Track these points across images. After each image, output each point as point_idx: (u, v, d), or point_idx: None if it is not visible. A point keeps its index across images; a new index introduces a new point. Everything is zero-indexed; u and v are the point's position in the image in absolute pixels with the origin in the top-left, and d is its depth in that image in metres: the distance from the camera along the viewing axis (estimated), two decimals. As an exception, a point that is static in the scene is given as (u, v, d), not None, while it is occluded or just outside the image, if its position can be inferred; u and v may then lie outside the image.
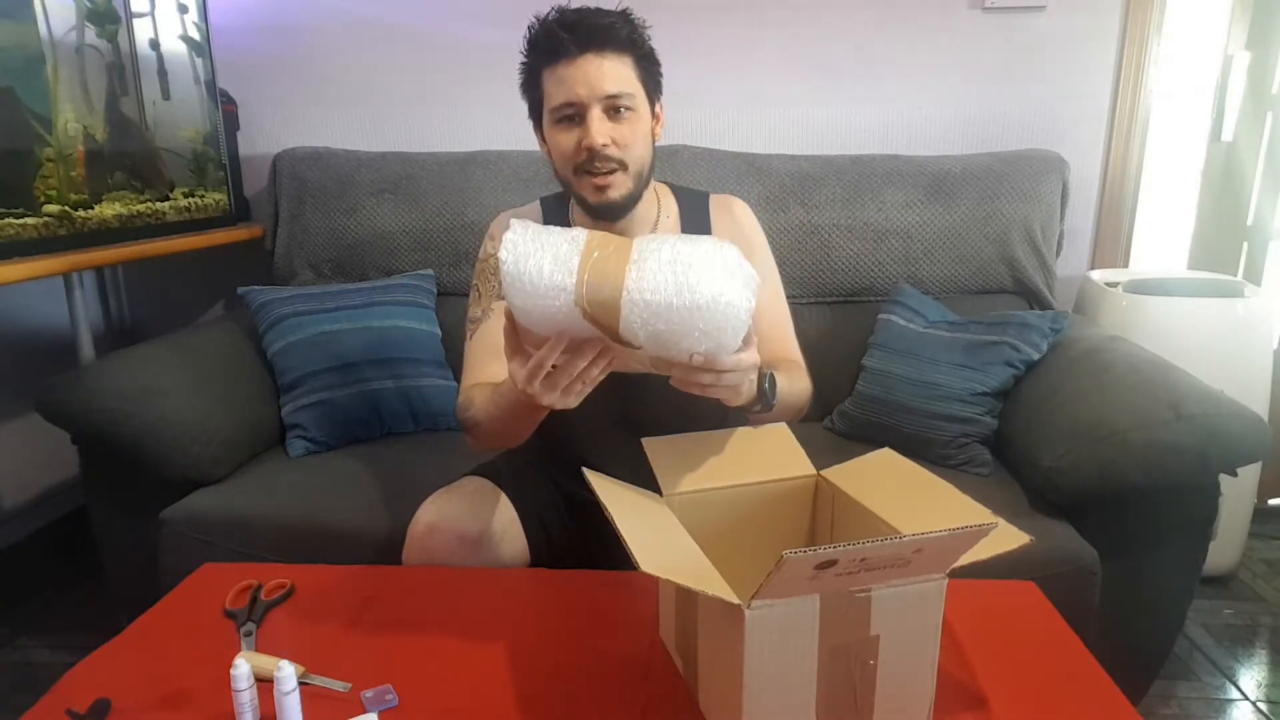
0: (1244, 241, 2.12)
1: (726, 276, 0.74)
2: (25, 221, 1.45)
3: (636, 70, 1.08)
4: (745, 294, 0.75)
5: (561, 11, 1.08)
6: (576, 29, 1.05)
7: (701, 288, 0.73)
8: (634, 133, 1.08)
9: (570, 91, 1.06)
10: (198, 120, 1.92)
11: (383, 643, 0.88)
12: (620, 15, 1.08)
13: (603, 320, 0.76)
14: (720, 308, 0.74)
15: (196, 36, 1.89)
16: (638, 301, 0.74)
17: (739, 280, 0.75)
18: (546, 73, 1.08)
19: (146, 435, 1.37)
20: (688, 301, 0.73)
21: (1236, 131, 2.07)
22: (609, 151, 1.06)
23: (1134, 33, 1.94)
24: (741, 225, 1.23)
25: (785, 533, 0.93)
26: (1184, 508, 1.28)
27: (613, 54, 1.06)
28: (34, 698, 0.78)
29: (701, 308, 0.73)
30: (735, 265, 0.76)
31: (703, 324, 0.74)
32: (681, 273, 0.74)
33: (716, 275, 0.74)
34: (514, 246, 0.77)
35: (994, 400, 1.53)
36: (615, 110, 1.07)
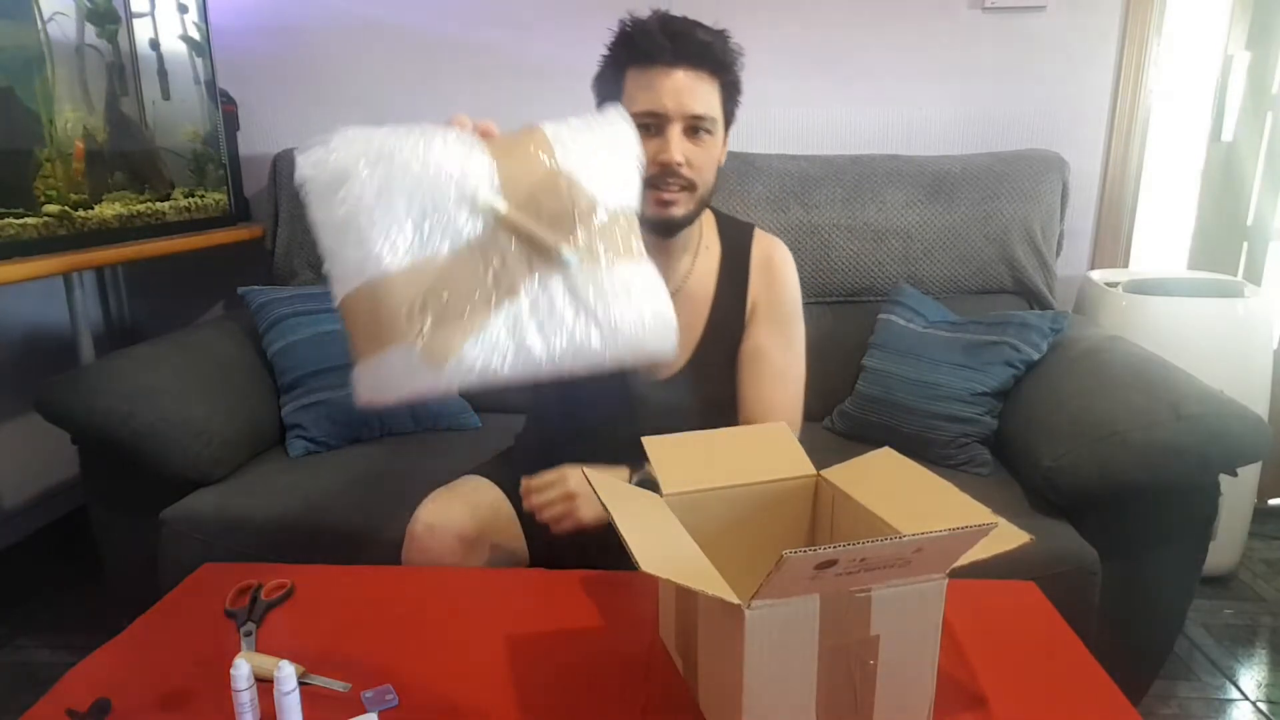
0: (1244, 241, 2.12)
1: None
2: (25, 221, 1.45)
3: (721, 95, 1.07)
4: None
5: (665, 17, 1.05)
6: (679, 39, 1.03)
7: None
8: (707, 157, 1.07)
9: (657, 101, 1.03)
10: (198, 120, 1.92)
11: (383, 643, 0.88)
12: (720, 36, 1.07)
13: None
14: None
15: (196, 36, 1.89)
16: None
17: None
18: (633, 73, 1.06)
19: (146, 435, 1.37)
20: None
21: (1236, 131, 2.07)
22: (682, 171, 1.04)
23: (1134, 33, 1.94)
24: (779, 281, 1.20)
25: (785, 533, 0.93)
26: (1184, 508, 1.28)
27: (706, 74, 1.05)
28: (34, 698, 0.78)
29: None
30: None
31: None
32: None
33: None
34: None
35: (994, 400, 1.53)
36: (694, 131, 1.05)
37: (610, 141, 0.73)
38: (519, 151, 0.67)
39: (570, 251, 0.66)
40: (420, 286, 0.61)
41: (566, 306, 0.66)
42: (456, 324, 0.62)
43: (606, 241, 0.69)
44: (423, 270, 0.62)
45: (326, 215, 0.62)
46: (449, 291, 0.62)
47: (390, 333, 0.62)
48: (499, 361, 0.63)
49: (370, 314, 0.62)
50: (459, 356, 0.62)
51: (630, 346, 0.68)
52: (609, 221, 0.69)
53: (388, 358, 0.62)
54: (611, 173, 0.71)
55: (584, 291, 0.66)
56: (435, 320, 0.62)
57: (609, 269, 0.68)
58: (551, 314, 0.65)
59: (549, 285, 0.65)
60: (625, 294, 0.68)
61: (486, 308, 0.63)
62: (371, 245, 0.61)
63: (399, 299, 0.61)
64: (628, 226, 0.71)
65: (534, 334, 0.64)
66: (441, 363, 0.61)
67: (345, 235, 0.62)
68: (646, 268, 0.72)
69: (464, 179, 0.63)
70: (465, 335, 0.62)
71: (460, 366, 0.62)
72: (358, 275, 0.62)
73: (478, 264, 0.63)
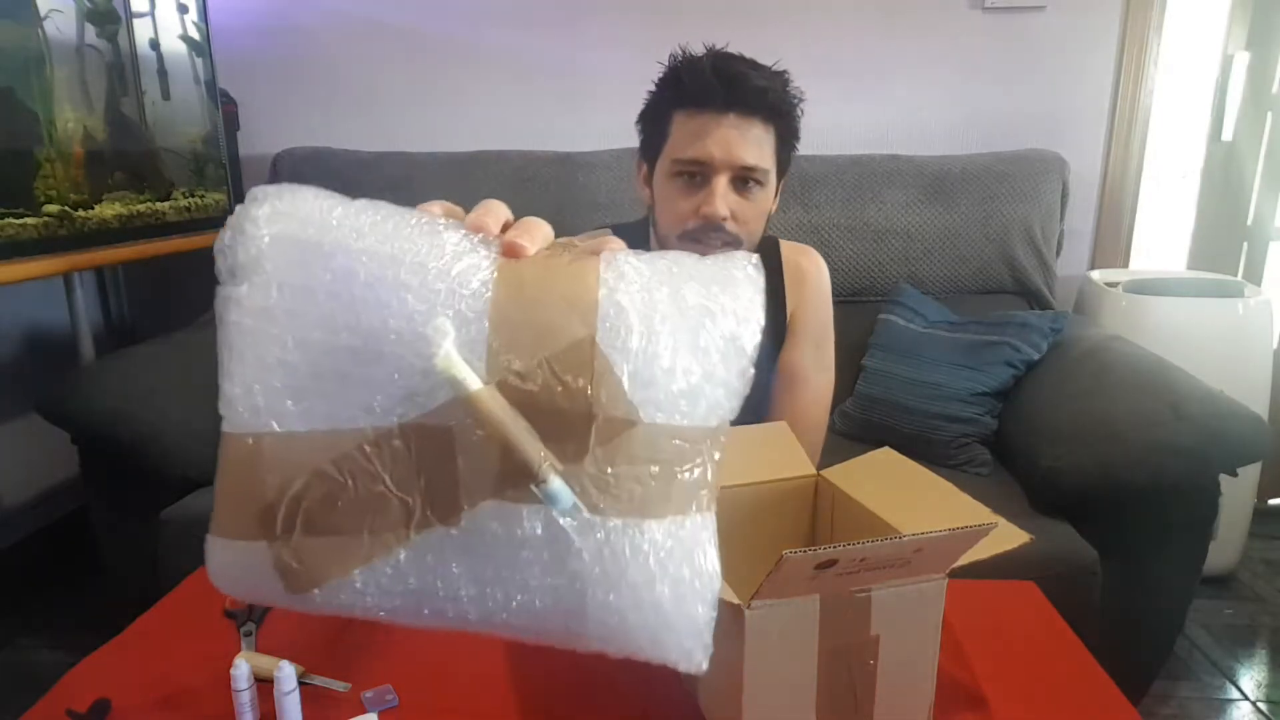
0: (1244, 241, 2.11)
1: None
2: (25, 221, 1.45)
3: (776, 144, 1.00)
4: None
5: (718, 56, 0.97)
6: (732, 83, 0.95)
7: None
8: (755, 210, 1.00)
9: (703, 149, 0.96)
10: (198, 120, 1.92)
11: (383, 643, 0.88)
12: (779, 79, 0.98)
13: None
14: None
15: (196, 36, 1.89)
16: None
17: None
18: (680, 116, 0.98)
19: (146, 435, 1.37)
20: None
21: (1236, 131, 2.07)
22: (727, 226, 0.98)
23: (1134, 33, 1.94)
24: (814, 291, 1.16)
25: (785, 533, 0.93)
26: (1184, 508, 1.28)
27: (760, 121, 0.97)
28: (34, 698, 0.78)
29: None
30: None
31: None
32: None
33: None
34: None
35: (994, 400, 1.53)
36: (744, 182, 0.98)
37: (713, 311, 0.42)
38: (543, 297, 0.40)
39: (560, 483, 0.39)
40: (308, 468, 0.40)
41: (533, 563, 0.40)
42: (343, 537, 0.40)
43: (642, 475, 0.40)
44: (319, 447, 0.40)
45: (224, 315, 0.43)
46: (346, 488, 0.39)
47: (248, 516, 0.41)
48: (397, 604, 0.42)
49: (237, 477, 0.42)
50: (334, 585, 0.41)
51: (623, 641, 0.42)
52: (661, 445, 0.40)
53: (240, 549, 0.42)
54: (697, 364, 0.41)
55: (570, 552, 0.40)
56: (310, 525, 0.40)
57: (627, 524, 0.40)
58: (506, 568, 0.40)
59: (515, 522, 0.40)
60: (641, 568, 0.40)
61: (400, 529, 0.40)
62: (253, 384, 0.42)
63: (275, 474, 0.40)
64: (694, 455, 0.41)
65: (467, 588, 0.42)
66: (301, 590, 0.41)
67: (231, 357, 0.43)
68: (695, 528, 0.42)
69: (425, 317, 0.38)
70: (349, 563, 0.40)
71: (331, 598, 0.41)
72: (234, 418, 0.43)
73: (407, 459, 0.39)
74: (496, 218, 0.43)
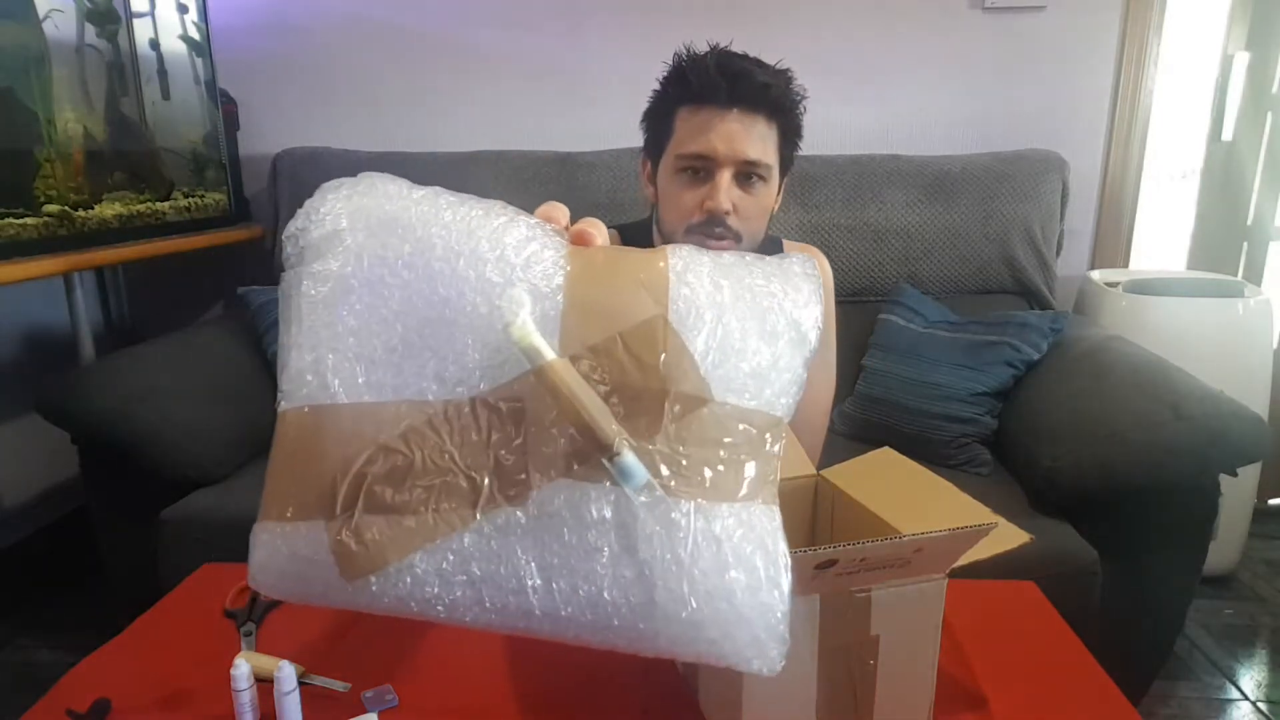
0: (1244, 241, 2.12)
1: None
2: (25, 221, 1.45)
3: (779, 141, 1.01)
4: None
5: (722, 54, 0.99)
6: (737, 80, 0.96)
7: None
8: (758, 206, 1.02)
9: (707, 144, 0.98)
10: (198, 120, 1.92)
11: (383, 643, 0.88)
12: (782, 76, 1.00)
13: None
14: None
15: (196, 36, 1.89)
16: None
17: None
18: (684, 112, 1.00)
19: (146, 435, 1.37)
20: None
21: (1236, 131, 2.07)
22: (729, 220, 0.99)
23: (1134, 33, 1.94)
24: None
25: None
26: (1184, 508, 1.28)
27: (764, 118, 0.98)
28: (34, 698, 0.78)
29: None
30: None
31: None
32: None
33: None
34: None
35: (994, 400, 1.53)
36: (747, 177, 0.99)
37: (775, 301, 0.43)
38: (614, 279, 0.41)
39: (634, 458, 0.39)
40: (373, 443, 0.39)
41: (603, 546, 0.39)
42: (406, 517, 0.39)
43: (712, 458, 0.40)
44: (386, 421, 0.39)
45: (292, 291, 0.42)
46: (414, 463, 0.39)
47: (306, 494, 0.39)
48: (459, 594, 0.40)
49: (294, 456, 0.40)
50: (393, 570, 0.39)
51: (692, 636, 0.40)
52: (729, 428, 0.41)
53: (292, 535, 0.40)
54: (763, 352, 0.42)
55: (641, 533, 0.39)
56: (373, 502, 0.39)
57: (698, 509, 0.40)
58: (575, 552, 0.39)
59: (585, 502, 0.39)
60: (713, 555, 0.40)
61: (467, 509, 0.39)
62: (324, 353, 0.40)
63: (337, 448, 0.39)
64: (759, 443, 0.41)
65: (533, 574, 0.40)
66: (359, 574, 0.39)
67: (300, 328, 0.41)
68: (765, 516, 0.42)
69: (503, 290, 0.39)
70: (411, 543, 0.39)
71: (390, 587, 0.40)
72: (295, 391, 0.41)
73: (478, 434, 0.39)
74: (563, 213, 0.46)
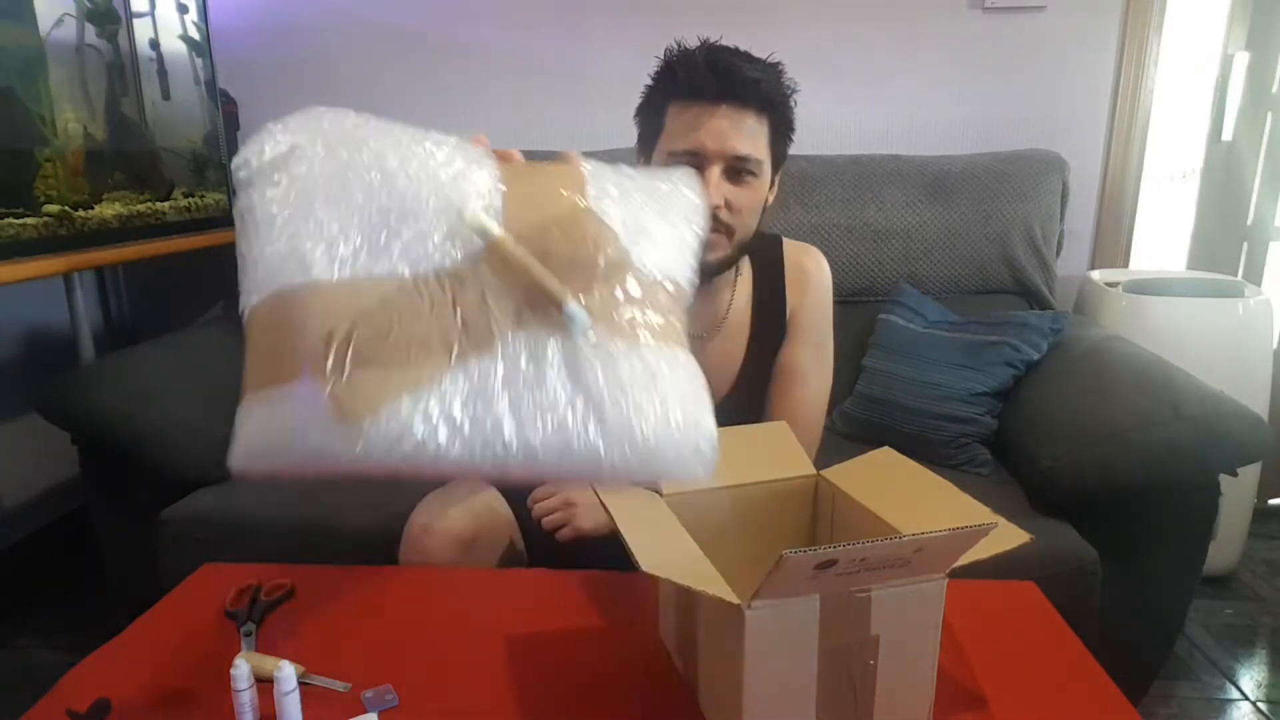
0: (1244, 241, 2.12)
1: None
2: (25, 221, 1.45)
3: (770, 135, 1.02)
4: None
5: (711, 49, 1.00)
6: (725, 75, 0.97)
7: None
8: (750, 200, 1.02)
9: (696, 140, 0.99)
10: (198, 120, 1.92)
11: (383, 643, 0.88)
12: (772, 71, 1.01)
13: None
14: None
15: (196, 36, 1.89)
16: None
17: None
18: (675, 107, 1.01)
19: (146, 435, 1.37)
20: None
21: (1236, 131, 2.07)
22: (720, 215, 1.00)
23: (1134, 33, 1.94)
24: (814, 290, 1.17)
25: (785, 533, 0.93)
26: (1184, 508, 1.28)
27: (753, 113, 0.99)
28: (34, 698, 0.78)
29: None
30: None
31: None
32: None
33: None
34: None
35: (994, 400, 1.53)
36: (737, 173, 1.00)
37: (668, 201, 0.55)
38: (539, 180, 0.51)
39: (578, 306, 0.48)
40: (354, 310, 0.44)
41: (559, 382, 0.47)
42: (391, 369, 0.43)
43: (636, 311, 0.50)
44: (364, 292, 0.44)
45: (254, 202, 0.46)
46: (393, 325, 0.44)
47: (295, 360, 0.44)
48: (443, 436, 0.44)
49: (278, 332, 0.45)
50: (383, 415, 0.43)
51: (644, 456, 0.48)
52: (646, 290, 0.50)
53: (287, 394, 0.44)
54: (662, 236, 0.53)
55: (588, 368, 0.47)
56: (360, 358, 0.43)
57: (631, 348, 0.49)
58: (537, 388, 0.46)
59: (540, 348, 0.47)
60: (649, 384, 0.48)
61: (443, 358, 0.45)
62: (300, 241, 0.45)
63: (321, 317, 0.44)
64: (670, 304, 0.52)
65: (504, 409, 0.45)
66: (356, 418, 0.43)
67: (270, 228, 0.45)
68: (686, 359, 0.52)
69: (451, 186, 0.47)
70: (399, 388, 0.43)
71: (382, 431, 0.43)
72: (271, 279, 0.45)
73: (444, 299, 0.46)
74: (485, 140, 0.54)
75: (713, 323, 1.15)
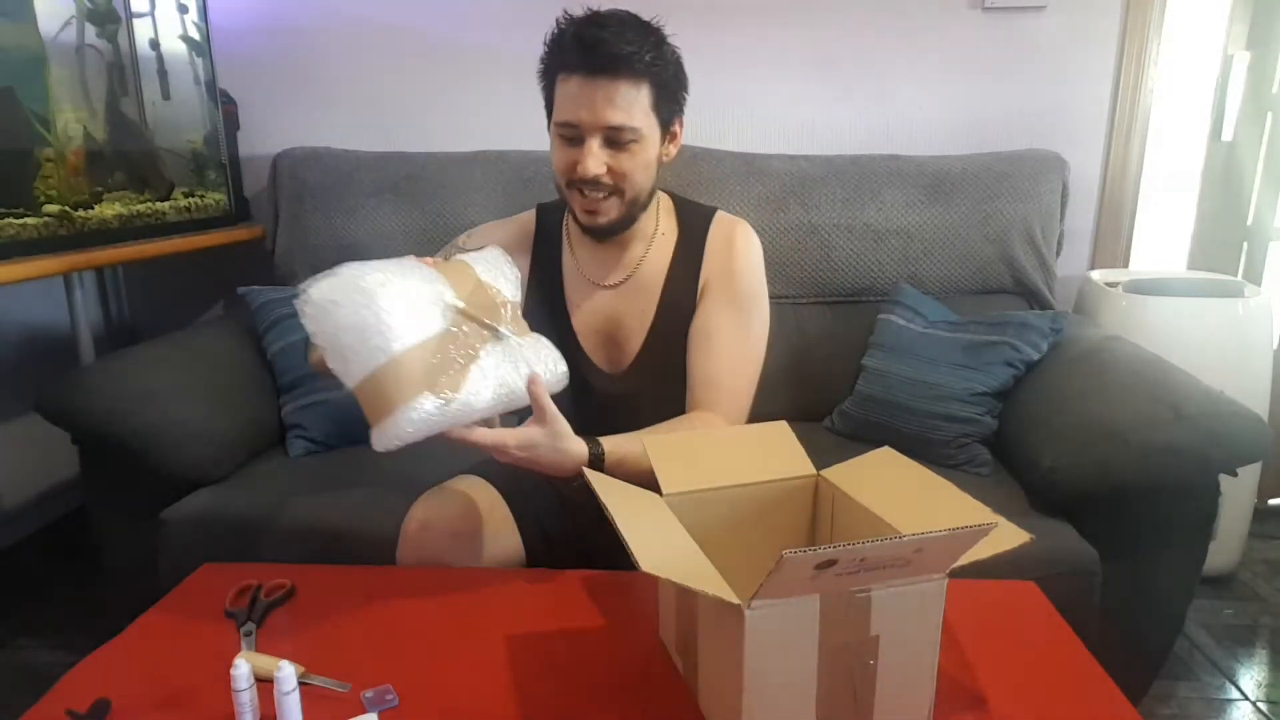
0: (1244, 241, 2.12)
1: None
2: (25, 221, 1.45)
3: (651, 97, 1.04)
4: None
5: (585, 22, 1.02)
6: (594, 49, 1.00)
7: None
8: (634, 163, 1.05)
9: (573, 113, 1.03)
10: (198, 120, 1.92)
11: (383, 643, 0.88)
12: (646, 37, 1.03)
13: None
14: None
15: (196, 36, 1.89)
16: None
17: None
18: (559, 79, 1.05)
19: (146, 435, 1.37)
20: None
21: (1236, 131, 2.07)
22: (604, 180, 1.04)
23: (1134, 33, 1.94)
24: (734, 258, 1.17)
25: (785, 533, 0.93)
26: (1184, 508, 1.28)
27: (628, 82, 1.01)
28: (34, 698, 0.79)
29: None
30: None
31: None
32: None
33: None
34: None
35: (994, 400, 1.53)
36: (616, 141, 1.03)
37: (498, 266, 1.03)
38: (457, 273, 0.97)
39: (504, 327, 0.97)
40: (420, 361, 0.86)
41: (510, 361, 0.95)
42: (448, 376, 0.88)
43: (516, 324, 1.00)
44: (418, 349, 0.87)
45: (342, 320, 0.85)
46: (441, 358, 0.88)
47: (405, 393, 0.85)
48: (479, 399, 0.90)
49: (387, 385, 0.85)
50: (454, 396, 0.88)
51: (549, 383, 0.99)
52: (512, 312, 1.00)
53: (405, 411, 0.85)
54: (505, 283, 1.02)
55: (517, 352, 0.97)
56: (434, 376, 0.87)
57: (522, 339, 0.99)
58: (505, 364, 0.95)
59: (494, 352, 0.94)
60: (536, 352, 0.99)
61: (464, 368, 0.90)
62: (382, 339, 0.85)
63: (409, 369, 0.85)
64: (518, 314, 1.02)
65: (495, 377, 0.93)
66: (455, 392, 0.88)
67: (359, 335, 0.84)
68: (541, 337, 1.04)
69: (433, 289, 0.91)
70: (456, 383, 0.88)
71: (457, 403, 0.88)
72: (369, 363, 0.85)
73: (450, 341, 0.90)
74: (427, 260, 0.98)
75: (622, 275, 1.18)
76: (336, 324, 0.84)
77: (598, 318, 1.21)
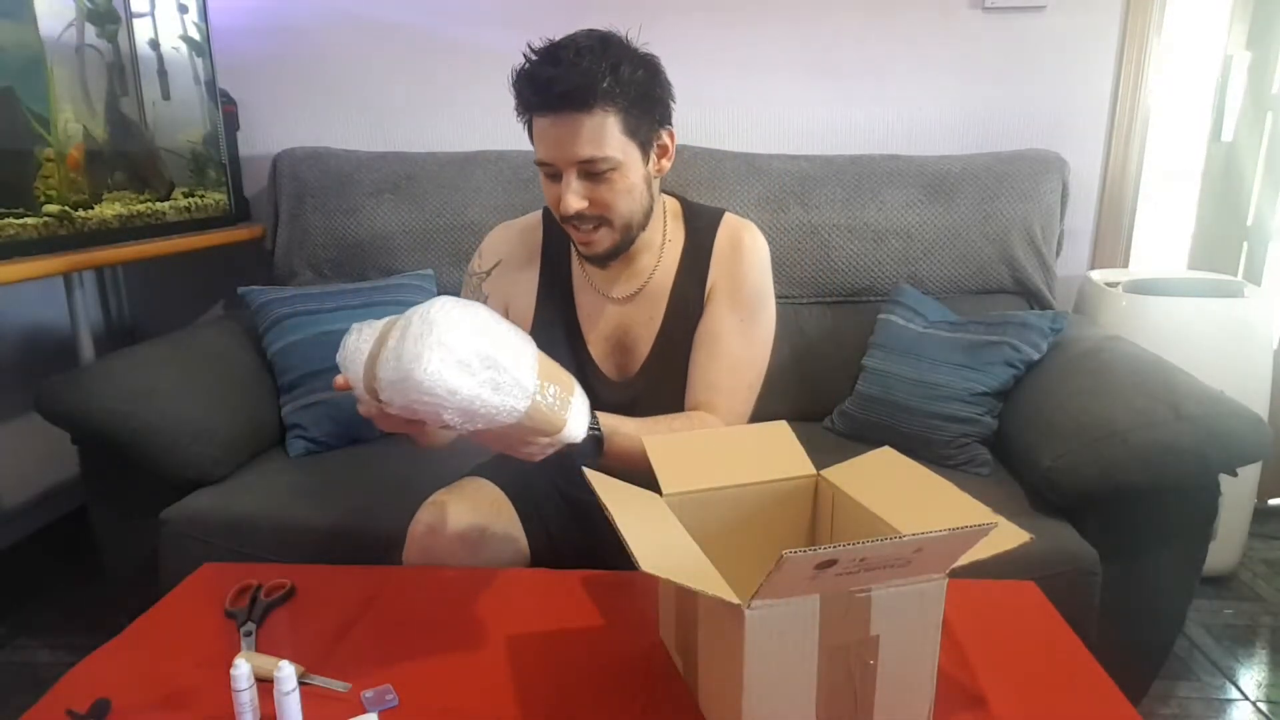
0: (1244, 241, 2.12)
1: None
2: (25, 221, 1.45)
3: (623, 122, 1.00)
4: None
5: (540, 61, 0.99)
6: (549, 88, 0.97)
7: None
8: (614, 192, 1.03)
9: (546, 152, 1.01)
10: (198, 120, 1.92)
11: (383, 643, 0.88)
12: (603, 62, 0.98)
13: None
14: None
15: (196, 36, 1.89)
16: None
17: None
18: (532, 117, 1.03)
19: (146, 435, 1.37)
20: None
21: (1236, 131, 2.07)
22: (587, 213, 1.03)
23: (1134, 33, 1.94)
24: (740, 262, 1.16)
25: (785, 533, 0.93)
26: (1184, 508, 1.28)
27: (589, 114, 0.98)
28: (34, 698, 0.78)
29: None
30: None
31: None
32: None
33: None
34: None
35: (994, 400, 1.53)
36: (592, 173, 1.01)
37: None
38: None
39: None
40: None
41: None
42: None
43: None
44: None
45: (474, 377, 0.82)
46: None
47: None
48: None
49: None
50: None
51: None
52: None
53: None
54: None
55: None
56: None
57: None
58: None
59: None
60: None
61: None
62: (510, 390, 0.84)
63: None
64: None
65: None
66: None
67: (496, 386, 0.83)
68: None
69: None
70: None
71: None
72: (490, 421, 0.84)
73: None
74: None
75: (633, 287, 1.17)
76: (462, 380, 0.81)
77: (609, 327, 1.19)
